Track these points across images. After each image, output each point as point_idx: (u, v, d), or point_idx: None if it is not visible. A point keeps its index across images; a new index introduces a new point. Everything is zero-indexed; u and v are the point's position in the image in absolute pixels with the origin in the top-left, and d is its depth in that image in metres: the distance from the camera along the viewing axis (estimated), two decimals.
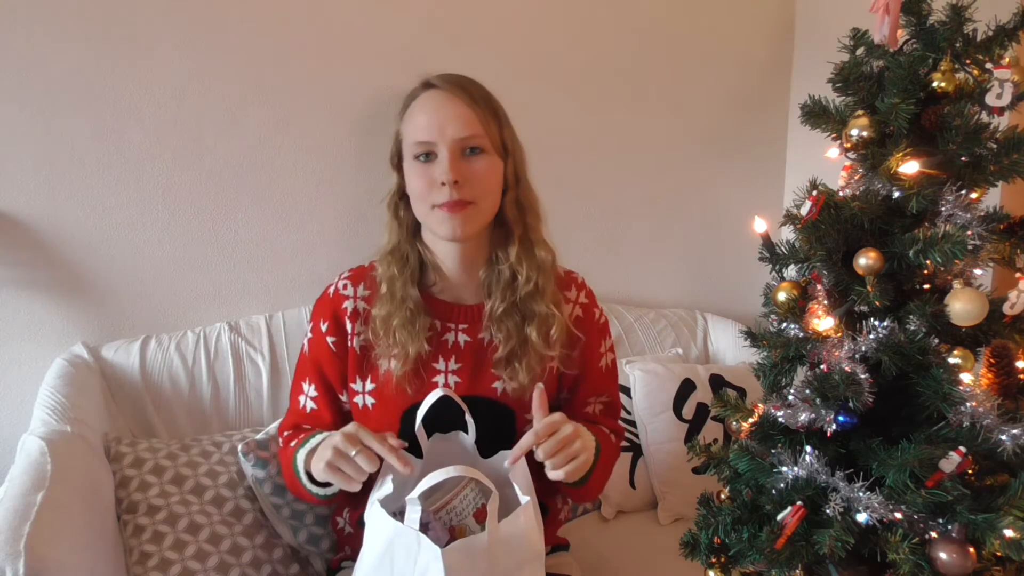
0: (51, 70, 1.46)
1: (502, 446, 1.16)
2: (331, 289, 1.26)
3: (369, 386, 1.22)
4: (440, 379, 1.21)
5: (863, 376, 1.02)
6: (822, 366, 1.08)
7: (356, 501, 1.22)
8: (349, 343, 1.22)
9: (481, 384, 1.21)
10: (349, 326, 1.22)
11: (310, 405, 1.27)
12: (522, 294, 1.19)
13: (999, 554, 1.01)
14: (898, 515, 1.02)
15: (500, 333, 1.20)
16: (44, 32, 1.45)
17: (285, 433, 1.29)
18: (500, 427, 1.21)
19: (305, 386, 1.27)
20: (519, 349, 1.19)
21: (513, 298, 1.19)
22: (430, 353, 1.20)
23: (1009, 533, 0.96)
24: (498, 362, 1.20)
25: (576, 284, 1.31)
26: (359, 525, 1.27)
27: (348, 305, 1.22)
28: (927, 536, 1.02)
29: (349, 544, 1.32)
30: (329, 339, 1.23)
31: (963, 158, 1.07)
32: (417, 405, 1.15)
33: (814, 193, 1.13)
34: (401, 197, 1.22)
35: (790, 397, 1.09)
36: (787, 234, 1.21)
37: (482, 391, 1.21)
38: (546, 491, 1.29)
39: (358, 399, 1.23)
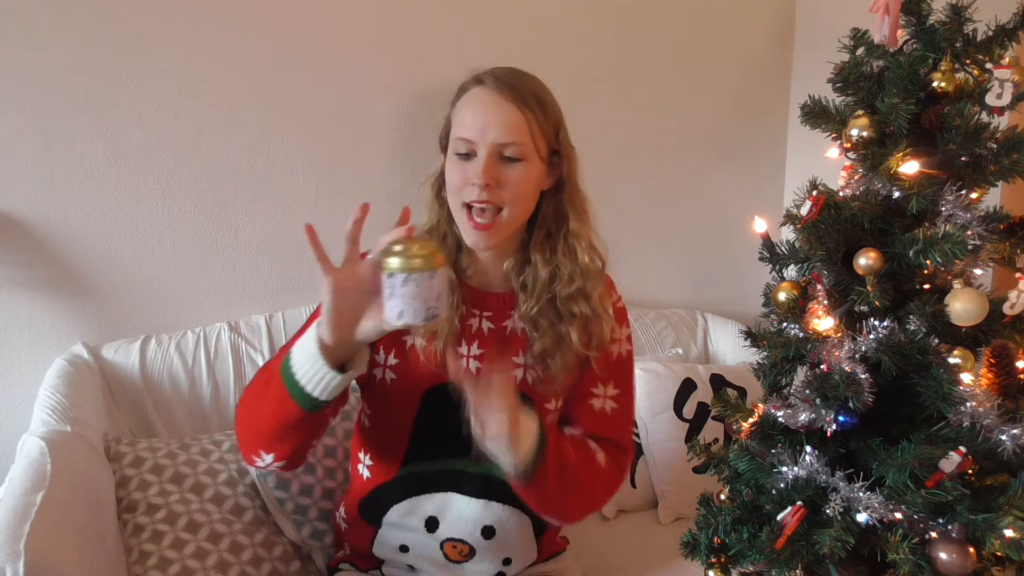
0: (51, 70, 1.46)
1: None
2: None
3: (392, 360, 1.19)
4: (462, 363, 1.19)
5: (863, 376, 1.03)
6: (822, 366, 1.09)
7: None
8: None
9: (502, 369, 1.20)
10: None
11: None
12: (563, 295, 1.17)
13: (999, 554, 1.01)
14: (898, 515, 1.02)
15: (536, 331, 1.18)
16: (44, 32, 1.45)
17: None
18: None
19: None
20: (553, 347, 1.17)
21: (550, 297, 1.17)
22: (455, 336, 1.19)
23: (1009, 533, 0.96)
24: (535, 357, 1.18)
25: (614, 288, 1.29)
26: (360, 520, 1.27)
27: None
28: (927, 536, 1.02)
29: (348, 540, 1.32)
30: None
31: (963, 158, 1.07)
32: (439, 386, 1.14)
33: (814, 193, 1.13)
34: (443, 179, 1.19)
35: (790, 397, 1.09)
36: (787, 234, 1.22)
37: None
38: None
39: (377, 371, 1.20)
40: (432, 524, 1.22)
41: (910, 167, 1.06)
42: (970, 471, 1.02)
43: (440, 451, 1.19)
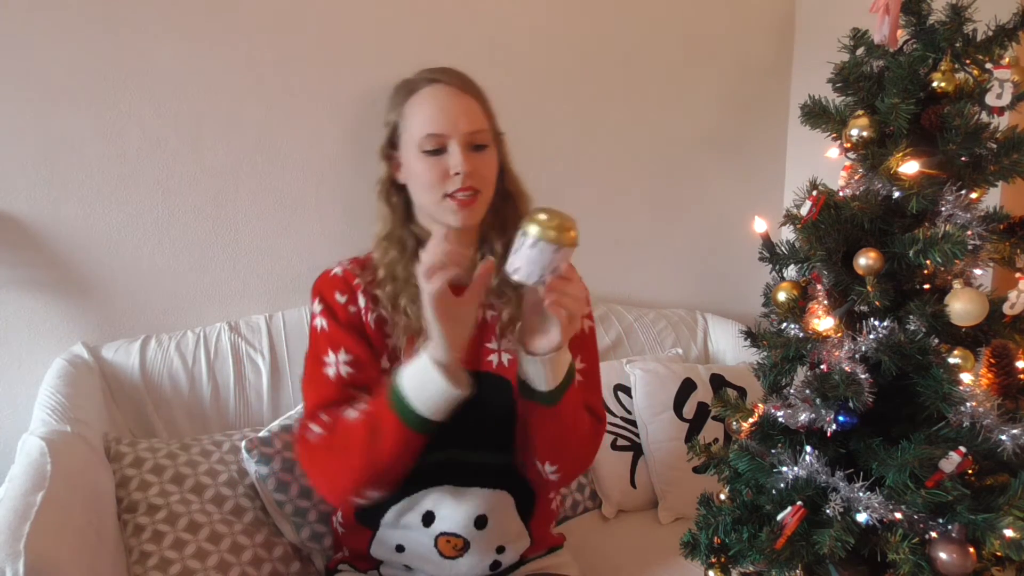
0: (51, 71, 1.46)
1: (499, 417, 1.20)
2: (337, 270, 1.24)
3: (385, 363, 1.21)
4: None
5: (863, 376, 1.02)
6: (822, 366, 1.08)
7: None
8: (364, 317, 1.21)
9: (479, 360, 1.23)
10: (363, 300, 1.21)
11: (344, 370, 1.15)
12: None
13: (999, 554, 1.01)
14: (898, 515, 1.02)
15: (500, 300, 1.23)
16: (44, 32, 1.45)
17: (321, 416, 1.13)
18: (498, 398, 1.22)
19: (330, 357, 1.17)
20: (518, 313, 1.21)
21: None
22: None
23: (1009, 533, 0.96)
24: (501, 330, 1.23)
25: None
26: (357, 525, 1.27)
27: (359, 282, 1.22)
28: (927, 536, 1.02)
29: (346, 544, 1.32)
30: (351, 308, 1.20)
31: (963, 158, 1.07)
32: None
33: (814, 193, 1.13)
34: (391, 185, 1.24)
35: (790, 397, 1.09)
36: (787, 234, 1.22)
37: (479, 366, 1.23)
38: (535, 476, 1.29)
39: None
40: (428, 518, 1.22)
41: (910, 167, 1.06)
42: (970, 471, 1.02)
43: (435, 442, 1.18)
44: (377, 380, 1.17)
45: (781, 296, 1.16)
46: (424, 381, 1.03)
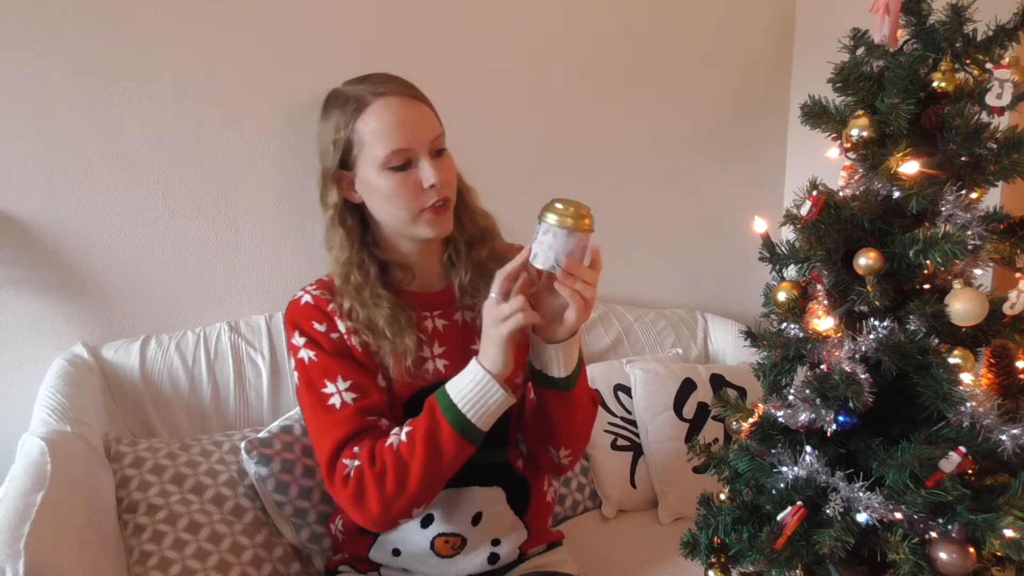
0: (51, 71, 1.46)
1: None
2: (306, 298, 1.21)
3: (381, 383, 1.21)
4: (430, 365, 1.22)
5: (863, 376, 1.02)
6: (822, 366, 1.08)
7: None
8: (349, 341, 1.19)
9: (465, 363, 1.21)
10: (342, 325, 1.18)
11: (348, 397, 1.13)
12: (482, 257, 1.25)
13: (999, 554, 1.01)
14: (898, 515, 1.02)
15: (475, 299, 1.24)
16: (44, 33, 1.45)
17: (353, 450, 1.11)
18: None
19: (330, 388, 1.14)
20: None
21: (473, 264, 1.25)
22: (417, 343, 1.22)
23: (1009, 533, 0.96)
24: (468, 339, 1.24)
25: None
26: (356, 532, 1.27)
27: (333, 307, 1.19)
28: (927, 536, 1.02)
29: (345, 549, 1.32)
30: (332, 335, 1.18)
31: (963, 158, 1.07)
32: (415, 394, 1.18)
33: (814, 193, 1.13)
34: (345, 207, 1.21)
35: (790, 397, 1.09)
36: (787, 234, 1.21)
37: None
38: (528, 466, 1.30)
39: None
40: (427, 519, 1.23)
41: (910, 167, 1.06)
42: (970, 471, 1.02)
43: None
44: (381, 402, 1.17)
45: (781, 296, 1.16)
46: (484, 395, 1.08)
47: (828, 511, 1.05)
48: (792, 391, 1.10)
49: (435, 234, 1.17)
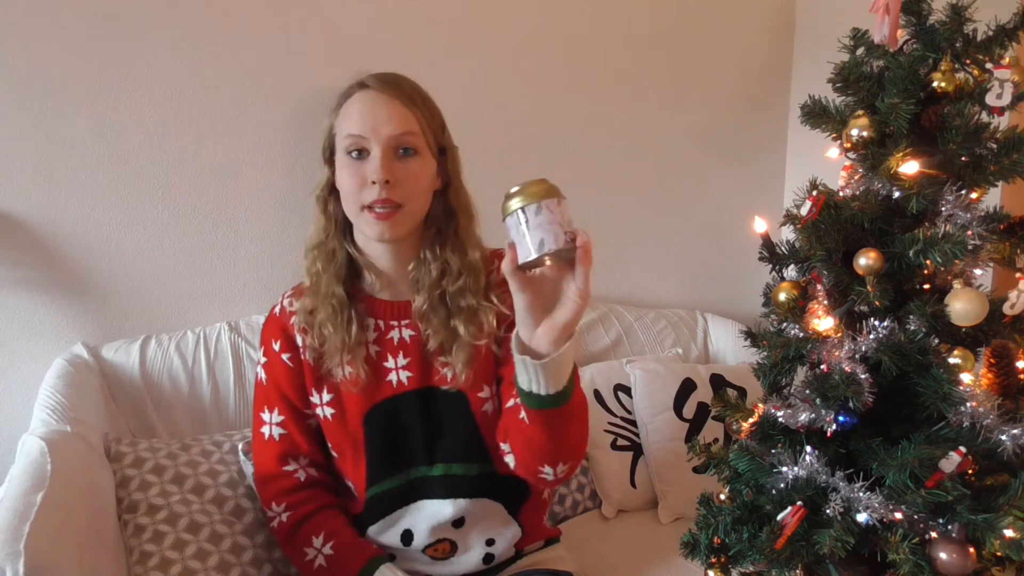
0: (51, 72, 1.46)
1: (460, 430, 1.21)
2: (276, 309, 1.28)
3: (327, 397, 1.23)
4: (392, 377, 1.22)
5: (863, 376, 1.02)
6: (822, 366, 1.08)
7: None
8: (302, 356, 1.23)
9: (430, 375, 1.22)
10: (300, 339, 1.22)
11: (277, 432, 1.24)
12: (451, 290, 1.19)
13: (999, 554, 1.01)
14: (898, 515, 1.02)
15: (428, 328, 1.20)
16: (44, 34, 1.45)
17: (275, 507, 1.23)
18: (455, 412, 1.22)
19: (266, 416, 1.25)
20: (448, 342, 1.19)
21: (439, 293, 1.19)
22: (379, 353, 1.22)
23: (1009, 533, 0.96)
24: (433, 353, 1.21)
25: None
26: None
27: (296, 320, 1.23)
28: (927, 536, 1.02)
29: None
30: (284, 356, 1.23)
31: (963, 158, 1.07)
32: (376, 406, 1.19)
33: (814, 193, 1.13)
34: (331, 192, 1.21)
35: (790, 397, 1.09)
36: (787, 234, 1.22)
37: (432, 381, 1.22)
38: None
39: (320, 411, 1.24)
40: (407, 537, 1.24)
41: (910, 167, 1.06)
42: (970, 471, 1.02)
43: (397, 464, 1.23)
44: (305, 444, 1.24)
45: (781, 296, 1.16)
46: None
47: (828, 511, 1.05)
48: (792, 391, 1.10)
49: (375, 236, 1.14)
